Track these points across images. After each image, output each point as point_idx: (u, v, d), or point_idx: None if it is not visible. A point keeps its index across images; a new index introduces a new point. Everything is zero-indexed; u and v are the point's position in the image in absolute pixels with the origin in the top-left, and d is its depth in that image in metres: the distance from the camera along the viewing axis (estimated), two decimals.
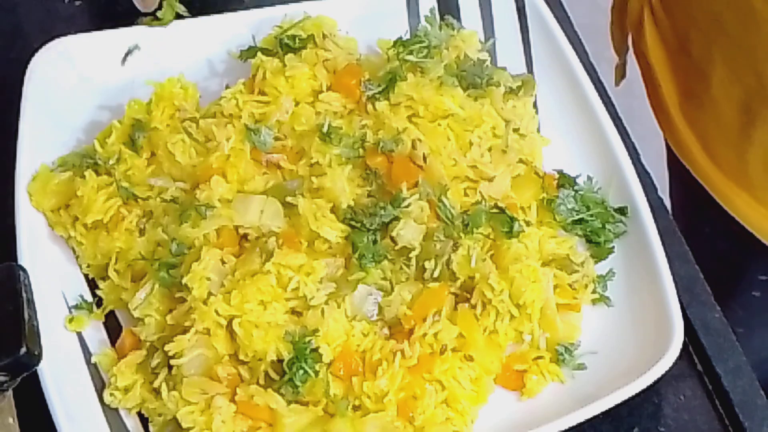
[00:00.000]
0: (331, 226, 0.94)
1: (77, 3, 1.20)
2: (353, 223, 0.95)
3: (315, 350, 0.89)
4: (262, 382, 0.90)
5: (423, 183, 0.96)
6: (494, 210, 0.96)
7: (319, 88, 1.04)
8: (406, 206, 0.95)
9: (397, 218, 0.95)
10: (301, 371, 0.88)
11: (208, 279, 0.92)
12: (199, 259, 0.92)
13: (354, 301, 0.93)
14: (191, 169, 0.99)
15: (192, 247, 0.95)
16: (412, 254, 0.94)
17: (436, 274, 0.94)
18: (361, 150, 0.99)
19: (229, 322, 0.91)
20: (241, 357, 0.90)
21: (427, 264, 0.94)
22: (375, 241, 0.94)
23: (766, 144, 1.07)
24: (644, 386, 0.88)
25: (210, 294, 0.91)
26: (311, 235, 0.95)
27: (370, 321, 0.93)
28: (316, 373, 0.88)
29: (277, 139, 1.01)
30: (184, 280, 0.92)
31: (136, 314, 0.94)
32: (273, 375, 0.89)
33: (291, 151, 1.01)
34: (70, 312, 0.96)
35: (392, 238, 0.94)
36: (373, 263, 0.93)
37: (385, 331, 0.93)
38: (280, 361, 0.89)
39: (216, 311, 0.90)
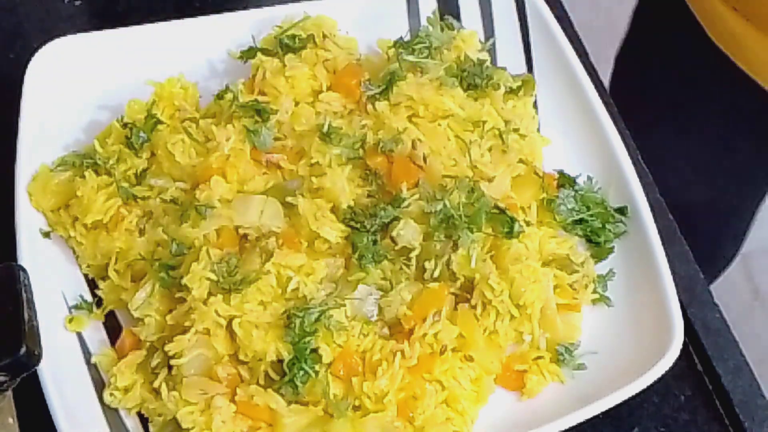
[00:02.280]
0: (331, 226, 0.94)
1: (77, 3, 1.20)
2: (353, 223, 0.95)
3: (315, 351, 0.89)
4: (262, 382, 0.89)
5: (423, 183, 0.96)
6: (494, 210, 0.96)
7: (319, 88, 1.04)
8: (406, 206, 0.95)
9: (397, 218, 0.95)
10: (302, 372, 0.88)
11: (208, 279, 0.91)
12: (199, 259, 0.92)
13: (354, 302, 0.93)
14: (191, 169, 0.99)
15: (192, 247, 0.94)
16: (412, 254, 0.94)
17: (436, 274, 0.94)
18: (361, 150, 0.99)
19: (229, 323, 0.90)
20: (241, 357, 0.90)
21: (427, 264, 0.94)
22: (375, 242, 0.94)
23: None
24: (644, 386, 0.88)
25: (210, 294, 0.91)
26: (311, 235, 0.95)
27: (370, 321, 0.93)
28: (317, 373, 0.88)
29: (277, 139, 1.01)
30: (183, 281, 0.92)
31: (135, 314, 0.94)
32: (273, 375, 0.89)
33: (291, 151, 1.01)
34: (70, 312, 0.96)
35: (392, 238, 0.94)
36: (373, 263, 0.93)
37: (385, 331, 0.93)
38: (280, 361, 0.89)
39: (216, 311, 0.90)
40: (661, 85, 1.25)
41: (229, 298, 0.90)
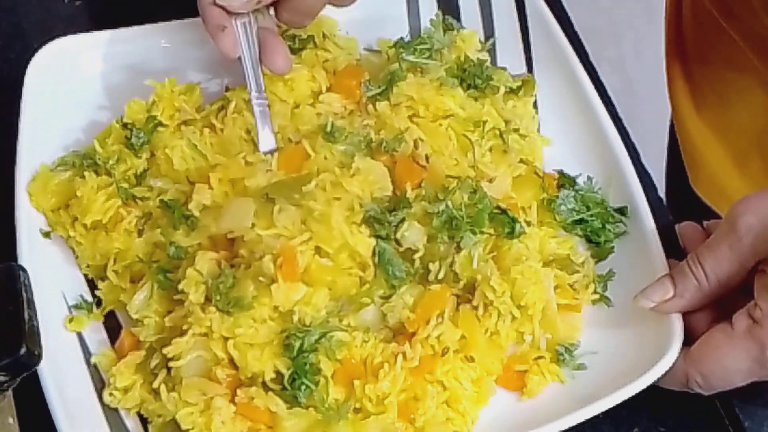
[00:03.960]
0: (361, 240, 0.91)
1: (77, 3, 1.20)
2: (377, 226, 0.93)
3: (315, 364, 0.89)
4: (260, 387, 0.89)
5: (425, 184, 0.96)
6: (496, 211, 0.96)
7: (318, 89, 1.04)
8: (410, 208, 0.95)
9: (403, 220, 0.94)
10: (303, 386, 0.87)
11: (204, 283, 0.91)
12: (194, 264, 0.92)
13: (359, 318, 0.92)
14: (195, 173, 0.99)
15: (188, 252, 0.94)
16: (416, 256, 0.94)
17: (440, 276, 0.93)
18: (365, 151, 0.98)
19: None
20: (241, 377, 0.89)
21: (431, 266, 0.93)
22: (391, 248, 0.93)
23: None
24: (644, 386, 0.88)
25: (207, 299, 0.90)
26: (331, 241, 0.91)
27: (375, 330, 0.92)
28: (317, 383, 0.88)
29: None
30: (180, 286, 0.91)
31: (134, 316, 0.94)
32: (272, 386, 0.88)
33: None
34: (70, 312, 0.96)
35: (396, 241, 0.93)
36: (397, 280, 0.92)
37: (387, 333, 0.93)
38: (280, 372, 0.89)
39: (211, 326, 0.89)
40: None
41: (222, 319, 0.89)
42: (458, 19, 1.12)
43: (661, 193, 1.06)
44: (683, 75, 1.20)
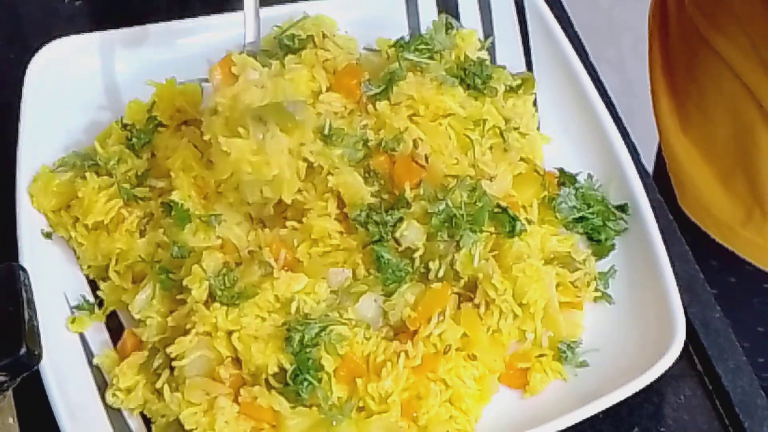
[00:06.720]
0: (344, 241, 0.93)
1: (77, 3, 1.20)
2: (371, 227, 0.94)
3: (316, 360, 0.89)
4: (264, 386, 0.89)
5: (425, 183, 0.96)
6: (496, 209, 0.96)
7: (318, 89, 1.04)
8: (409, 207, 0.95)
9: (401, 219, 0.94)
10: (306, 382, 0.87)
11: (208, 281, 0.91)
12: (200, 261, 0.92)
13: (358, 310, 0.92)
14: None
15: (193, 251, 0.94)
16: (416, 255, 0.94)
17: (440, 275, 0.93)
18: (363, 151, 0.98)
19: (229, 333, 0.90)
20: (244, 373, 0.90)
21: (431, 264, 0.94)
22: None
23: None
24: (647, 383, 0.88)
25: (210, 298, 0.91)
26: (321, 231, 0.93)
27: (375, 327, 0.92)
28: (320, 380, 0.88)
29: None
30: (185, 282, 0.91)
31: (136, 316, 0.94)
32: (275, 383, 0.89)
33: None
34: (72, 313, 0.96)
35: (396, 240, 0.94)
36: (398, 282, 0.92)
37: (389, 332, 0.93)
38: (283, 368, 0.89)
39: (215, 323, 0.89)
40: None
41: (227, 312, 0.90)
42: (457, 18, 1.12)
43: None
44: (668, 92, 1.21)
